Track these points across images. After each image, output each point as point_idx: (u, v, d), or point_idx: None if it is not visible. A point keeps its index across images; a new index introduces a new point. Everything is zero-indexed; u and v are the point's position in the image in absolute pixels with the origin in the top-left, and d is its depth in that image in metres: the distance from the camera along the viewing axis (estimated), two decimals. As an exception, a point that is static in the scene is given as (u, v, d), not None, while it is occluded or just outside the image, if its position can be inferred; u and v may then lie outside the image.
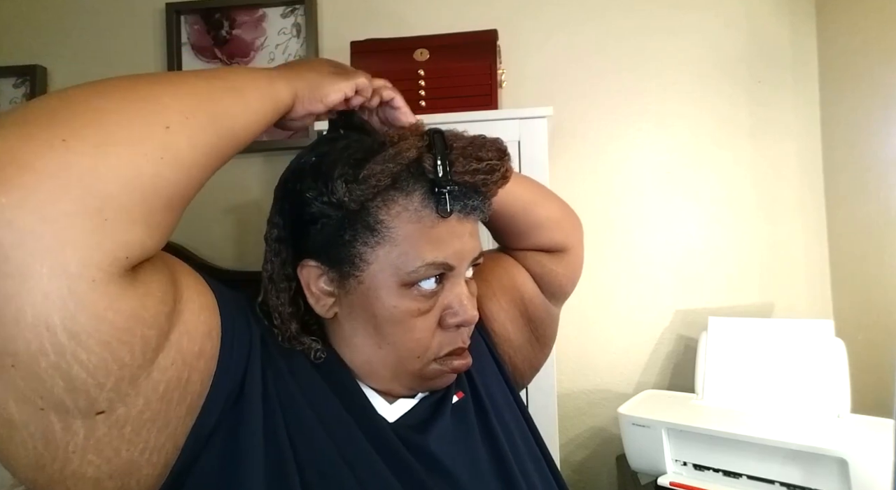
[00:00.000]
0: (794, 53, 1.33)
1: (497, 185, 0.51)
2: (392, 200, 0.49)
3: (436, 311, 0.51)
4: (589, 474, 1.36)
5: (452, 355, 0.53)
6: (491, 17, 1.36)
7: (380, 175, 0.47)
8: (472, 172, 0.48)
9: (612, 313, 1.36)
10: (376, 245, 0.49)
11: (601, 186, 1.37)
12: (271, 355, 0.49)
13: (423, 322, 0.51)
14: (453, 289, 0.52)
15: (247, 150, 1.58)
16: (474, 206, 0.51)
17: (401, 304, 0.50)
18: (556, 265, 0.69)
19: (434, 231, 0.49)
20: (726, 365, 1.13)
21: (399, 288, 0.49)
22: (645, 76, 1.36)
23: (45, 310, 0.31)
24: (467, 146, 0.49)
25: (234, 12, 1.47)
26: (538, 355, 0.73)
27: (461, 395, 0.58)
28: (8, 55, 1.51)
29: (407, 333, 0.51)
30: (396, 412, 0.53)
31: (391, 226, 0.49)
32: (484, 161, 0.49)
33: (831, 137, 1.30)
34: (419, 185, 0.49)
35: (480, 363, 0.62)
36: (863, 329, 1.16)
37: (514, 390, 0.66)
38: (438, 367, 0.53)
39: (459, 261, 0.51)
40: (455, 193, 0.49)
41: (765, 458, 0.94)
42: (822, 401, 1.02)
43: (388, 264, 0.49)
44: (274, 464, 0.44)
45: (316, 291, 0.52)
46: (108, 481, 0.37)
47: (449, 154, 0.48)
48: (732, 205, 1.34)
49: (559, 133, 1.34)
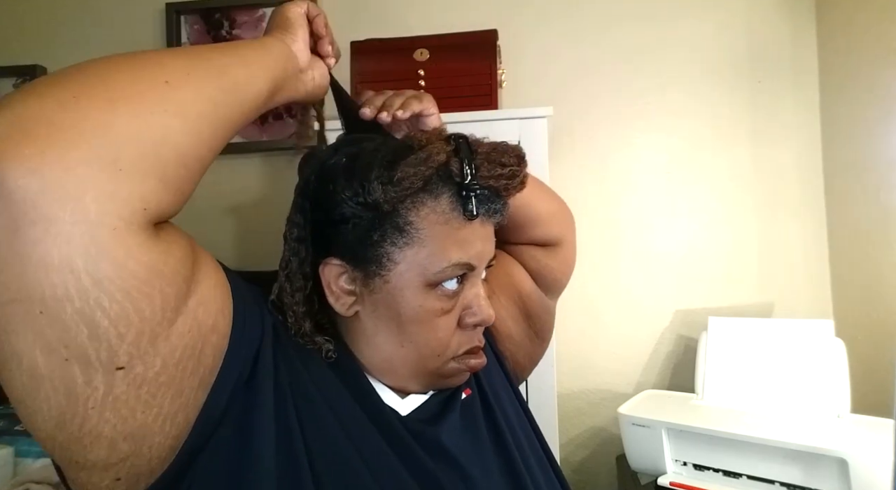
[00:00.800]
0: (794, 53, 1.33)
1: (516, 190, 0.53)
2: (421, 203, 0.50)
3: (456, 311, 0.53)
4: (589, 474, 1.36)
5: (469, 354, 0.55)
6: (491, 17, 1.36)
7: (413, 177, 0.48)
8: (497, 177, 0.50)
9: (611, 313, 1.36)
10: (404, 245, 0.50)
11: (601, 186, 1.37)
12: (283, 345, 0.50)
13: (445, 321, 0.52)
14: (472, 289, 0.54)
15: (247, 150, 1.58)
16: (496, 209, 0.53)
17: (426, 303, 0.51)
18: (551, 259, 0.71)
19: (460, 233, 0.51)
20: (726, 365, 1.13)
21: (424, 288, 0.51)
22: (645, 76, 1.36)
23: (69, 253, 0.33)
24: (491, 152, 0.51)
25: (234, 12, 1.47)
26: (537, 350, 0.75)
27: (469, 392, 0.59)
28: (8, 55, 1.51)
29: (430, 332, 0.52)
30: (408, 407, 0.54)
31: (420, 227, 0.50)
32: (507, 166, 0.51)
33: (831, 137, 1.30)
34: (447, 188, 0.50)
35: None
36: (863, 329, 1.16)
37: (516, 387, 0.67)
38: (456, 366, 0.54)
39: (480, 261, 0.53)
40: (480, 197, 0.50)
41: (765, 458, 0.94)
42: (822, 401, 1.02)
43: (415, 264, 0.50)
44: (284, 450, 0.44)
45: (336, 290, 0.53)
46: (122, 443, 0.37)
47: (474, 159, 0.50)
48: (732, 205, 1.34)
49: (559, 133, 1.34)
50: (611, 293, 1.37)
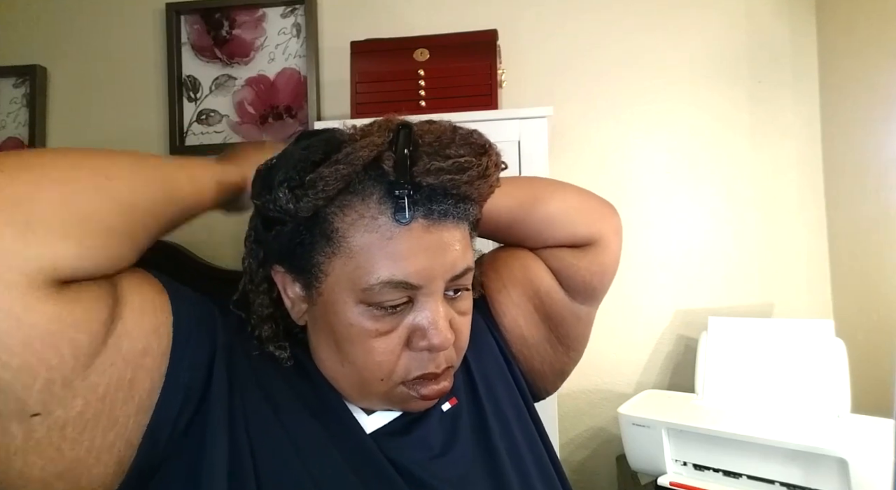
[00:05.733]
0: (794, 53, 1.33)
1: (475, 187, 0.44)
2: (349, 206, 0.44)
3: (400, 332, 0.46)
4: (589, 474, 1.36)
5: (422, 380, 0.47)
6: (491, 17, 1.36)
7: (328, 179, 0.42)
8: (436, 172, 0.42)
9: (612, 313, 1.36)
10: (332, 255, 0.44)
11: (601, 186, 1.34)
12: (239, 364, 0.47)
13: (383, 343, 0.45)
14: (424, 309, 0.45)
15: (247, 150, 1.50)
16: (443, 211, 0.44)
17: (357, 322, 0.45)
18: (578, 259, 0.62)
19: (392, 243, 0.43)
20: (726, 365, 1.13)
21: (357, 305, 0.44)
22: (645, 76, 1.36)
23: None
24: (434, 142, 0.43)
25: (234, 12, 1.47)
26: (561, 358, 0.65)
27: (454, 401, 0.54)
28: (8, 55, 1.51)
29: (367, 355, 0.45)
30: (374, 423, 0.50)
31: (347, 235, 0.44)
32: (451, 159, 0.43)
33: (831, 137, 1.30)
34: (378, 189, 0.43)
35: (484, 362, 0.58)
36: (863, 329, 1.16)
37: (524, 392, 0.61)
38: (406, 392, 0.47)
39: (427, 279, 0.44)
40: (417, 197, 0.43)
41: (765, 458, 0.94)
42: (822, 401, 1.02)
43: (343, 278, 0.44)
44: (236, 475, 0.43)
45: (293, 296, 0.49)
46: (56, 482, 0.37)
47: (413, 151, 0.42)
48: (732, 204, 1.34)
49: (559, 133, 1.34)
50: (611, 293, 1.35)
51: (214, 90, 1.48)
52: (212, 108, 1.48)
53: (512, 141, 1.07)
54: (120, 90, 1.50)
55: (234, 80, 1.47)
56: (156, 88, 1.49)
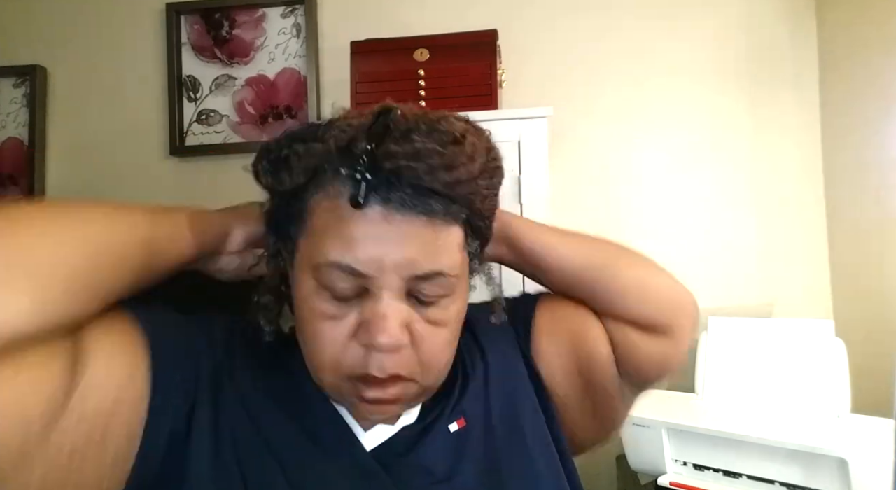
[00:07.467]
0: (794, 53, 1.33)
1: (437, 178, 0.41)
2: (320, 185, 0.43)
3: (350, 320, 0.43)
4: (589, 474, 1.35)
5: (365, 382, 0.44)
6: (491, 17, 1.36)
7: (302, 155, 0.43)
8: (392, 156, 0.40)
9: (612, 313, 1.36)
10: (299, 232, 0.45)
11: (601, 186, 1.37)
12: (224, 388, 0.47)
13: (330, 329, 0.43)
14: (375, 302, 0.42)
15: (247, 150, 1.58)
16: (400, 199, 0.41)
17: (310, 300, 0.44)
18: (644, 343, 0.56)
19: (345, 226, 0.41)
20: (726, 365, 1.13)
21: (312, 283, 0.44)
22: (645, 76, 1.36)
23: None
24: (405, 127, 0.42)
25: (234, 12, 1.47)
26: (588, 426, 0.59)
27: (462, 423, 0.51)
28: (8, 55, 1.51)
29: (314, 337, 0.44)
30: (373, 441, 0.48)
31: (312, 213, 0.44)
32: (412, 144, 0.40)
33: (831, 137, 1.29)
34: (345, 170, 0.42)
35: (506, 388, 0.55)
36: (863, 329, 1.16)
37: (557, 430, 0.56)
38: (351, 388, 0.45)
39: (377, 270, 0.41)
40: (374, 183, 0.40)
41: (765, 458, 0.94)
42: (821, 401, 1.02)
43: (306, 255, 0.44)
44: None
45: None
46: None
47: (383, 134, 0.41)
48: (732, 205, 1.34)
49: (559, 133, 1.33)
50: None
51: (214, 90, 1.48)
52: (212, 109, 1.48)
53: (512, 141, 1.07)
54: (120, 90, 1.50)
55: (234, 80, 1.47)
56: (156, 88, 1.49)
